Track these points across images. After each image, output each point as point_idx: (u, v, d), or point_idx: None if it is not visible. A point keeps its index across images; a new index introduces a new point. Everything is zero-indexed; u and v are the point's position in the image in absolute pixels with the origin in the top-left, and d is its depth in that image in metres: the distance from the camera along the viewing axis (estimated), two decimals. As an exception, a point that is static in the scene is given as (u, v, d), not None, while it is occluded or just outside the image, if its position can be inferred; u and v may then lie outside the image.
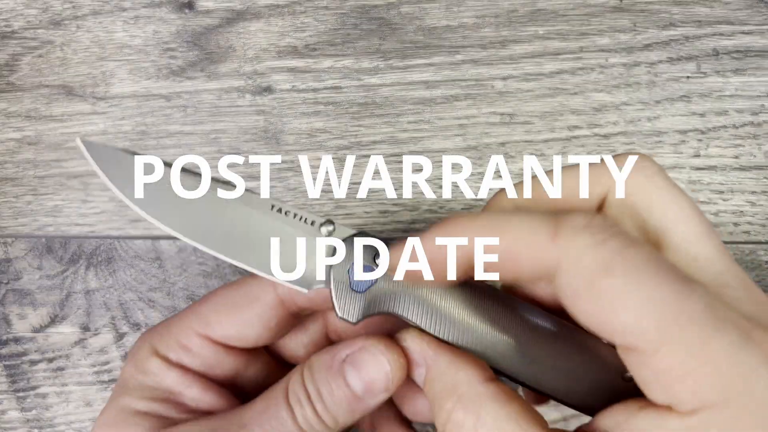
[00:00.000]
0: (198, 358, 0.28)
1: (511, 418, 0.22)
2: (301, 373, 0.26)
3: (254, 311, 0.27)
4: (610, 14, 0.37)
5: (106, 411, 0.27)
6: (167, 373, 0.27)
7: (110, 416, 0.27)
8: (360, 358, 0.25)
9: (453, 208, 0.37)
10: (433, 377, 0.24)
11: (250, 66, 0.38)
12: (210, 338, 0.28)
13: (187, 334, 0.28)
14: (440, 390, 0.23)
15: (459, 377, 0.23)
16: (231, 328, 0.27)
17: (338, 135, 0.37)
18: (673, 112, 0.37)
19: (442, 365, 0.23)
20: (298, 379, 0.26)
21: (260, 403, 0.26)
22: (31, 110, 0.38)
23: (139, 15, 0.38)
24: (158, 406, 0.27)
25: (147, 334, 0.28)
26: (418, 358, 0.24)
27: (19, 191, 0.38)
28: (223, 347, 0.28)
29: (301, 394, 0.25)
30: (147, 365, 0.28)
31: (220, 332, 0.27)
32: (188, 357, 0.28)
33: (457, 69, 0.37)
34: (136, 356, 0.28)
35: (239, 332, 0.27)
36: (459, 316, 0.24)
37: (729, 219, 0.36)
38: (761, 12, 0.37)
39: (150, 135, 0.38)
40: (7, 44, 0.38)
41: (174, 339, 0.28)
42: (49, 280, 0.38)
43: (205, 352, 0.28)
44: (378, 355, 0.25)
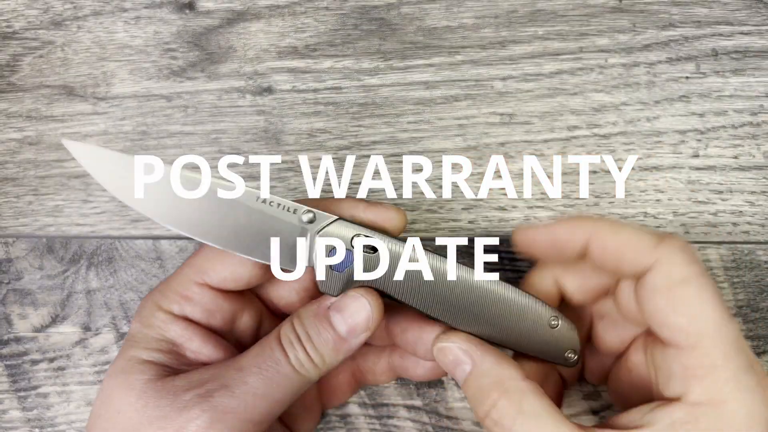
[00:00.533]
0: (198, 305, 0.30)
1: (545, 409, 0.27)
2: (291, 321, 0.29)
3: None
4: (609, 15, 0.37)
5: (116, 361, 0.30)
6: (171, 326, 0.30)
7: (119, 365, 0.29)
8: (343, 303, 0.29)
9: (453, 207, 0.37)
10: (480, 373, 0.28)
11: (250, 66, 0.38)
12: (207, 285, 0.30)
13: (186, 285, 0.30)
14: (486, 384, 0.27)
15: (504, 374, 0.28)
16: (225, 270, 0.30)
17: (338, 135, 0.38)
18: (672, 112, 0.37)
19: (487, 363, 0.28)
20: (289, 326, 0.29)
21: (255, 349, 0.29)
22: (32, 110, 0.38)
23: (140, 15, 0.38)
24: (162, 356, 0.30)
25: (150, 294, 0.31)
26: (464, 357, 0.28)
27: (20, 191, 0.38)
28: (221, 292, 0.31)
29: (293, 338, 0.28)
30: (152, 320, 0.30)
31: (215, 277, 0.30)
32: (190, 306, 0.30)
33: (456, 69, 0.37)
34: (142, 313, 0.31)
35: (233, 273, 0.30)
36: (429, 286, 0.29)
37: (728, 219, 0.37)
38: (760, 12, 0.37)
39: (151, 135, 0.38)
40: (8, 44, 0.38)
41: (174, 292, 0.30)
42: (50, 280, 0.38)
43: (205, 299, 0.30)
44: (359, 299, 0.29)
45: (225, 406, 0.27)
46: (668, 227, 0.37)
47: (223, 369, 0.29)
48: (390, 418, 0.37)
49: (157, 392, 0.28)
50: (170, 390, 0.28)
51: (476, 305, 0.29)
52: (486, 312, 0.29)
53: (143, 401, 0.28)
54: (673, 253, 0.27)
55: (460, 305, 0.29)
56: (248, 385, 0.28)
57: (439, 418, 0.37)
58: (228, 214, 0.29)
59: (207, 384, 0.28)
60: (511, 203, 0.37)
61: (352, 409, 0.37)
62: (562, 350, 0.30)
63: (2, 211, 0.38)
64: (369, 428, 0.37)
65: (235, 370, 0.28)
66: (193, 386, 0.28)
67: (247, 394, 0.27)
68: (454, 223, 0.37)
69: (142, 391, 0.28)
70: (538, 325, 0.30)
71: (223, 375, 0.28)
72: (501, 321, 0.29)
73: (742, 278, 0.36)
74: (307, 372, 0.28)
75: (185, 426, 0.27)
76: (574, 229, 0.29)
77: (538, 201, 0.37)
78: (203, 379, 0.28)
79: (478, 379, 0.28)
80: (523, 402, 0.27)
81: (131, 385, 0.28)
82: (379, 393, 0.37)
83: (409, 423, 0.37)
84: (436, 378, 0.35)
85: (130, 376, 0.29)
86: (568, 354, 0.30)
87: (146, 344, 0.30)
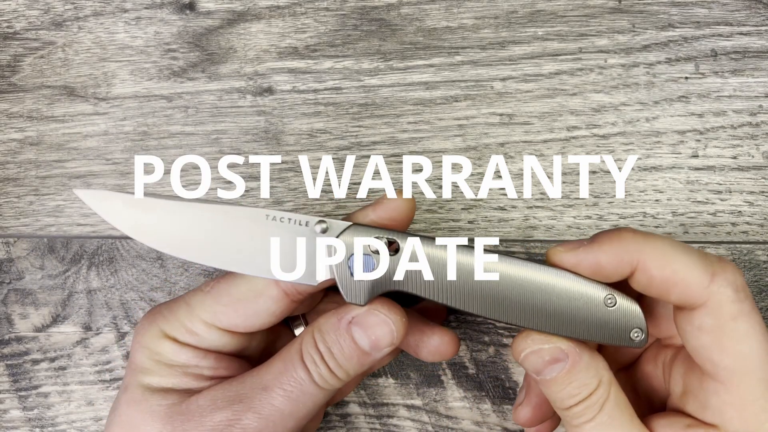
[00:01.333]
0: (205, 341, 0.29)
1: (624, 398, 0.28)
2: (312, 335, 0.28)
3: (260, 305, 0.29)
4: (608, 15, 0.37)
5: (129, 392, 0.29)
6: (180, 352, 0.29)
7: (134, 396, 0.29)
8: (364, 319, 0.28)
9: (453, 207, 0.37)
10: (581, 368, 0.27)
11: (250, 67, 0.38)
12: (216, 326, 0.29)
13: (193, 322, 0.29)
14: (586, 377, 0.27)
15: (599, 365, 0.28)
16: (237, 319, 0.29)
17: (338, 135, 0.38)
18: (671, 112, 0.37)
19: (586, 357, 0.28)
20: (310, 341, 0.28)
21: (278, 365, 0.28)
22: (32, 111, 0.38)
23: (141, 16, 0.38)
24: (179, 381, 0.29)
25: (151, 315, 0.30)
26: (562, 355, 0.28)
27: (21, 191, 0.38)
28: (229, 332, 0.30)
29: (315, 355, 0.28)
30: (160, 347, 0.29)
31: (226, 322, 0.29)
32: (195, 339, 0.29)
33: (456, 70, 0.38)
34: (146, 338, 0.29)
35: (245, 322, 0.29)
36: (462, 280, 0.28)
37: (727, 219, 0.37)
38: (759, 13, 0.37)
39: (151, 135, 0.38)
40: (9, 45, 0.38)
41: (181, 324, 0.29)
42: (51, 279, 0.38)
43: (212, 336, 0.29)
44: (379, 315, 0.28)
45: (254, 429, 0.27)
46: (667, 227, 0.37)
47: (247, 387, 0.28)
48: (390, 417, 0.37)
49: (182, 416, 0.27)
50: (196, 412, 0.28)
51: (517, 294, 0.27)
52: (530, 300, 0.27)
53: (170, 426, 0.27)
54: (725, 291, 0.26)
55: (499, 296, 0.28)
56: (274, 407, 0.27)
57: (439, 417, 0.37)
58: (240, 237, 0.28)
59: (234, 405, 0.27)
60: (511, 203, 0.37)
61: (352, 408, 0.38)
62: (627, 330, 0.28)
63: (3, 211, 0.38)
64: (369, 428, 0.37)
65: (260, 390, 0.28)
66: (219, 407, 0.27)
67: (274, 415, 0.27)
68: (453, 223, 0.37)
69: (167, 416, 0.28)
70: (593, 305, 0.27)
71: (248, 395, 0.28)
72: (549, 307, 0.27)
73: (741, 278, 0.37)
74: (331, 386, 0.28)
75: None
76: (620, 254, 0.27)
77: (537, 201, 0.37)
78: (228, 398, 0.28)
79: (579, 374, 0.27)
80: (611, 389, 0.27)
81: (153, 412, 0.28)
82: (379, 393, 0.38)
83: (409, 422, 0.37)
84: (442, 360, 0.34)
85: (151, 403, 0.28)
86: (634, 333, 0.28)
87: (159, 372, 0.29)
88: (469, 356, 0.37)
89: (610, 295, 0.27)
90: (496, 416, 0.37)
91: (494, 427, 0.37)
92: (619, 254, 0.27)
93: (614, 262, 0.27)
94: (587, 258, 0.27)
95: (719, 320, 0.26)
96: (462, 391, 0.37)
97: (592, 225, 0.37)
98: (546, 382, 0.28)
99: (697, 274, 0.26)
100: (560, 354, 0.27)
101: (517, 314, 0.28)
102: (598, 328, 0.28)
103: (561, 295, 0.27)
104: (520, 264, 0.28)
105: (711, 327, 0.26)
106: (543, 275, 0.28)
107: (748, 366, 0.26)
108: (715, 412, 0.27)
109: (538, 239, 0.37)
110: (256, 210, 0.28)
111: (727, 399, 0.26)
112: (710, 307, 0.26)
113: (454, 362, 0.37)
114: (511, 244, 0.37)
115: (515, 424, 0.37)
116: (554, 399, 0.28)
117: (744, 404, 0.26)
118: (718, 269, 0.26)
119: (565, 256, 0.28)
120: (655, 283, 0.27)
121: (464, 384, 0.37)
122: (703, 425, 0.27)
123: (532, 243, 0.37)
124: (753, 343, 0.26)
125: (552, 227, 0.37)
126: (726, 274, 0.26)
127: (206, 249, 0.28)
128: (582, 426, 0.27)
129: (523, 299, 0.28)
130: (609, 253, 0.27)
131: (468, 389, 0.37)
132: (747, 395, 0.26)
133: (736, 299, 0.26)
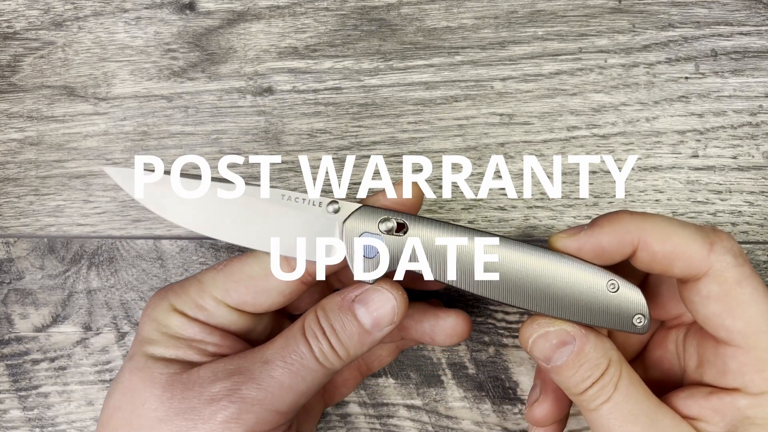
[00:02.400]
0: (213, 317, 0.30)
1: (636, 376, 0.28)
2: (315, 313, 0.29)
3: (270, 283, 0.30)
4: (608, 15, 0.37)
5: (133, 360, 0.30)
6: (188, 326, 0.30)
7: (138, 363, 0.29)
8: (368, 295, 0.28)
9: (453, 207, 0.37)
10: (589, 349, 0.28)
11: (250, 67, 0.38)
12: (225, 303, 0.30)
13: (203, 297, 0.30)
14: (596, 357, 0.28)
15: (607, 345, 0.28)
16: (247, 296, 0.30)
17: (338, 135, 0.38)
18: (671, 112, 0.37)
19: (593, 338, 0.28)
20: (313, 318, 0.29)
21: (280, 341, 0.29)
22: (32, 111, 0.38)
23: (141, 16, 0.38)
24: (183, 352, 0.30)
25: (163, 291, 0.31)
26: (569, 337, 0.28)
27: (21, 191, 0.38)
28: (238, 311, 0.30)
29: (317, 330, 0.28)
30: (168, 320, 0.30)
31: (236, 299, 0.30)
32: (204, 315, 0.30)
33: (456, 70, 0.38)
34: (156, 311, 0.30)
35: (254, 299, 0.30)
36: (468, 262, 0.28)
37: (727, 219, 0.37)
38: (759, 13, 0.37)
39: (151, 135, 0.38)
40: (8, 45, 0.38)
41: (191, 299, 0.30)
42: (51, 279, 0.38)
43: (220, 313, 0.30)
44: (383, 292, 0.28)
45: (252, 398, 0.27)
46: (667, 227, 0.37)
47: (248, 361, 0.29)
48: (390, 417, 0.37)
49: (183, 384, 0.28)
50: (196, 382, 0.28)
51: (522, 277, 0.28)
52: (534, 283, 0.28)
53: (169, 393, 0.28)
54: (725, 258, 0.27)
55: (504, 279, 0.28)
56: (274, 379, 0.28)
57: (439, 417, 0.37)
58: (257, 215, 0.29)
59: (233, 376, 0.28)
60: (511, 203, 0.37)
61: (352, 408, 0.38)
62: (629, 315, 0.28)
63: (3, 211, 0.38)
64: (369, 428, 0.37)
65: (261, 363, 0.28)
66: (219, 378, 0.28)
67: (273, 386, 0.28)
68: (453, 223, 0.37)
69: (168, 383, 0.28)
70: (596, 290, 0.28)
71: (249, 368, 0.28)
72: (552, 291, 0.28)
73: (741, 278, 0.37)
74: (331, 364, 0.28)
75: (213, 417, 0.27)
76: (620, 234, 0.27)
77: (537, 201, 0.37)
78: (229, 370, 0.28)
79: (588, 354, 0.28)
80: (623, 368, 0.28)
81: (155, 379, 0.28)
82: (379, 392, 0.38)
83: (408, 422, 0.37)
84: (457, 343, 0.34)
85: (153, 371, 0.29)
86: (637, 319, 0.28)
87: (165, 343, 0.30)
88: (469, 356, 0.37)
89: (612, 281, 0.28)
90: (496, 416, 0.37)
91: (494, 427, 0.37)
92: (619, 235, 0.27)
93: (615, 243, 0.27)
94: (589, 241, 0.28)
95: (724, 286, 0.27)
96: (462, 391, 0.37)
97: (592, 225, 0.37)
98: (558, 368, 0.28)
99: (696, 245, 0.27)
100: (567, 336, 0.28)
101: (521, 298, 0.28)
102: (601, 314, 0.28)
103: (564, 280, 0.28)
104: (523, 248, 0.28)
105: (718, 294, 0.27)
106: (546, 260, 0.28)
107: (760, 326, 0.27)
108: (736, 376, 0.27)
109: (538, 239, 0.37)
110: (272, 189, 0.29)
111: (746, 360, 0.27)
112: (713, 275, 0.27)
113: (454, 362, 0.37)
114: (511, 244, 0.37)
115: (516, 424, 0.37)
116: (568, 385, 0.28)
117: (763, 364, 0.27)
118: (715, 239, 0.27)
119: (568, 242, 0.28)
120: (658, 259, 0.27)
121: (464, 384, 0.37)
122: (724, 391, 0.28)
123: (532, 243, 0.37)
124: (760, 304, 0.27)
125: (552, 227, 0.37)
126: (723, 243, 0.27)
127: (227, 227, 0.29)
128: (599, 408, 0.28)
129: (526, 283, 0.28)
130: (610, 235, 0.28)
131: (468, 389, 0.37)
132: (764, 354, 0.27)
133: (736, 264, 0.27)
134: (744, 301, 0.27)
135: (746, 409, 0.27)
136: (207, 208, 0.29)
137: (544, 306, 0.28)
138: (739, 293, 0.27)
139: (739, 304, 0.27)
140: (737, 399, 0.27)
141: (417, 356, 0.37)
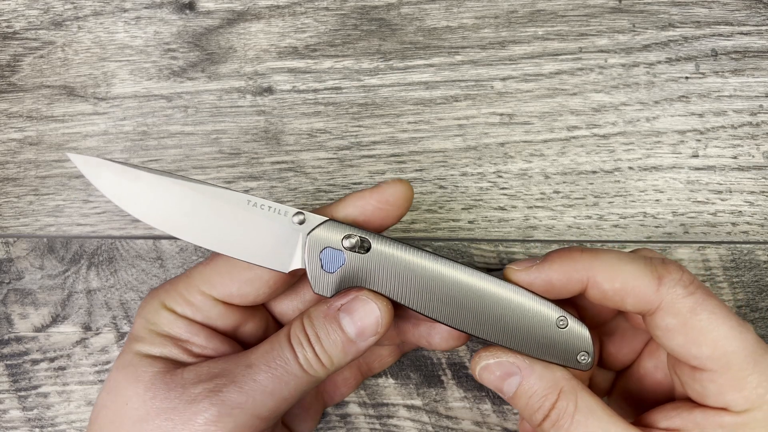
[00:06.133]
0: (201, 312, 0.30)
1: (598, 404, 0.28)
2: (301, 320, 0.29)
3: (254, 272, 0.30)
4: (609, 15, 0.37)
5: (121, 356, 0.30)
6: (175, 323, 0.30)
7: (125, 360, 0.30)
8: (353, 305, 0.29)
9: (453, 208, 0.37)
10: (534, 381, 0.28)
11: (250, 66, 0.38)
12: (212, 296, 0.30)
13: (191, 292, 0.30)
14: (543, 388, 0.28)
15: (557, 376, 0.28)
16: (232, 286, 0.30)
17: (338, 135, 0.38)
18: (671, 112, 0.37)
19: (538, 368, 0.28)
20: (299, 325, 0.29)
21: (265, 346, 0.29)
22: (32, 111, 0.38)
23: (140, 16, 0.38)
24: (168, 351, 0.30)
25: (156, 290, 0.31)
26: (513, 369, 0.28)
27: (21, 191, 0.38)
28: (225, 304, 0.31)
29: (302, 338, 0.29)
30: (157, 317, 0.30)
31: (222, 290, 0.30)
32: (192, 311, 0.30)
33: (456, 70, 0.38)
34: (145, 310, 0.31)
35: (239, 290, 0.30)
36: (427, 286, 0.29)
37: (727, 219, 0.37)
38: (759, 13, 0.37)
39: (151, 135, 0.38)
40: (8, 45, 0.38)
41: (179, 295, 0.30)
42: (51, 279, 0.38)
43: (207, 306, 0.30)
44: (368, 302, 0.29)
45: (233, 402, 0.28)
46: (667, 227, 0.37)
47: (232, 364, 0.29)
48: (390, 417, 0.37)
49: (165, 384, 0.28)
50: (179, 382, 0.28)
51: (476, 305, 0.28)
52: (487, 312, 0.28)
53: (151, 393, 0.28)
54: (675, 290, 0.27)
55: (460, 305, 0.29)
56: (257, 383, 0.28)
57: (439, 417, 0.37)
58: (220, 218, 0.29)
59: (216, 379, 0.28)
60: (511, 203, 0.37)
61: (352, 408, 0.38)
62: (574, 352, 0.29)
63: (3, 211, 0.38)
64: (369, 428, 0.37)
65: (245, 367, 0.28)
66: (201, 379, 0.28)
67: (255, 390, 0.28)
68: (454, 223, 0.37)
69: (151, 383, 0.28)
70: (545, 325, 0.28)
71: (232, 371, 0.28)
72: (504, 321, 0.28)
73: (741, 278, 0.37)
74: (315, 372, 0.29)
75: (193, 418, 0.27)
76: (569, 272, 0.28)
77: (538, 201, 0.37)
78: (212, 373, 0.28)
79: (533, 386, 0.28)
80: (579, 400, 0.28)
81: (139, 377, 0.29)
82: (379, 393, 0.37)
83: (408, 423, 0.37)
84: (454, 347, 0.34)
85: (138, 369, 0.29)
86: (581, 356, 0.29)
87: (151, 340, 0.30)
88: (469, 356, 0.37)
89: (562, 317, 0.28)
90: (496, 416, 0.37)
91: (494, 427, 0.37)
92: (568, 272, 0.28)
93: (564, 280, 0.28)
94: (539, 277, 0.28)
95: (680, 317, 0.27)
96: (462, 391, 0.37)
97: (592, 225, 0.37)
98: (511, 399, 0.29)
99: (645, 281, 0.27)
100: (511, 368, 0.28)
101: (475, 325, 0.29)
102: (548, 348, 0.29)
103: (516, 312, 0.28)
104: (480, 276, 0.29)
105: (676, 326, 0.27)
106: (501, 291, 0.28)
107: (726, 347, 0.27)
108: (717, 397, 0.27)
109: (538, 239, 0.37)
110: (238, 194, 0.29)
111: (723, 382, 0.27)
112: (667, 309, 0.27)
113: (454, 362, 0.37)
114: (511, 244, 0.37)
115: (516, 424, 0.37)
116: (525, 416, 0.29)
117: (740, 383, 0.27)
118: (663, 272, 0.27)
119: (520, 275, 0.29)
120: (608, 296, 0.28)
121: (464, 384, 0.37)
122: (711, 409, 0.28)
123: (532, 243, 0.37)
124: (721, 327, 0.27)
125: (552, 227, 0.37)
126: (671, 275, 0.27)
127: (187, 226, 0.29)
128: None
129: (481, 311, 0.29)
130: (559, 272, 0.28)
131: (468, 389, 0.37)
132: (739, 374, 0.27)
133: (686, 294, 0.27)
134: (703, 328, 0.27)
135: (732, 428, 0.27)
136: (170, 206, 0.29)
137: (498, 336, 0.29)
138: (697, 322, 0.27)
139: (700, 332, 0.27)
140: (723, 417, 0.27)
141: (417, 356, 0.37)
